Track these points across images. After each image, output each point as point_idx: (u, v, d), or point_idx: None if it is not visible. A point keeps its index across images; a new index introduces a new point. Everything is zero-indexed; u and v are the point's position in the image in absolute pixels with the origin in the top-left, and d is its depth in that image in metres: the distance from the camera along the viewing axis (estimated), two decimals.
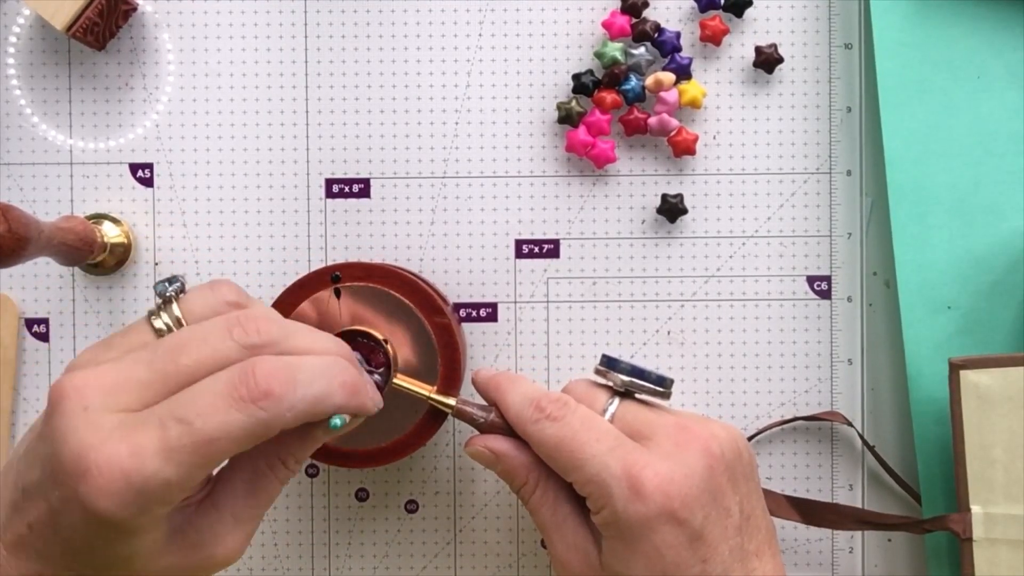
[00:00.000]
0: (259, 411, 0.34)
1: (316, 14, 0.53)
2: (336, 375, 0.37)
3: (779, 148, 0.53)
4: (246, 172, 0.53)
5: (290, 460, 0.39)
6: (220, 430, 0.34)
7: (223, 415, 0.34)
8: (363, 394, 0.38)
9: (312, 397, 0.35)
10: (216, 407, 0.34)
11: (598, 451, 0.41)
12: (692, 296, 0.53)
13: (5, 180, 0.53)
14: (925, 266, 0.51)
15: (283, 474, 0.39)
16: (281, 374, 0.35)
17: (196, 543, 0.37)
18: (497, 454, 0.44)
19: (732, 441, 0.42)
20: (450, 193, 0.53)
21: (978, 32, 0.51)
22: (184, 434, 0.34)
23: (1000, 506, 0.47)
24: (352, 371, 0.38)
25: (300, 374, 0.35)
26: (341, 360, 0.38)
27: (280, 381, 0.35)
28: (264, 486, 0.39)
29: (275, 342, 0.37)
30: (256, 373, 0.35)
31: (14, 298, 0.52)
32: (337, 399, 0.36)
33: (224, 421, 0.34)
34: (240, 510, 0.38)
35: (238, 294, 0.39)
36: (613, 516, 0.40)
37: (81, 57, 0.53)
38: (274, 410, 0.34)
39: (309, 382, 0.35)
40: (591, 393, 0.45)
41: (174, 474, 0.34)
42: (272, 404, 0.34)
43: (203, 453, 0.34)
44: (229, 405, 0.34)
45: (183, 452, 0.34)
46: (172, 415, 0.34)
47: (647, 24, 0.52)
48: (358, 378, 0.38)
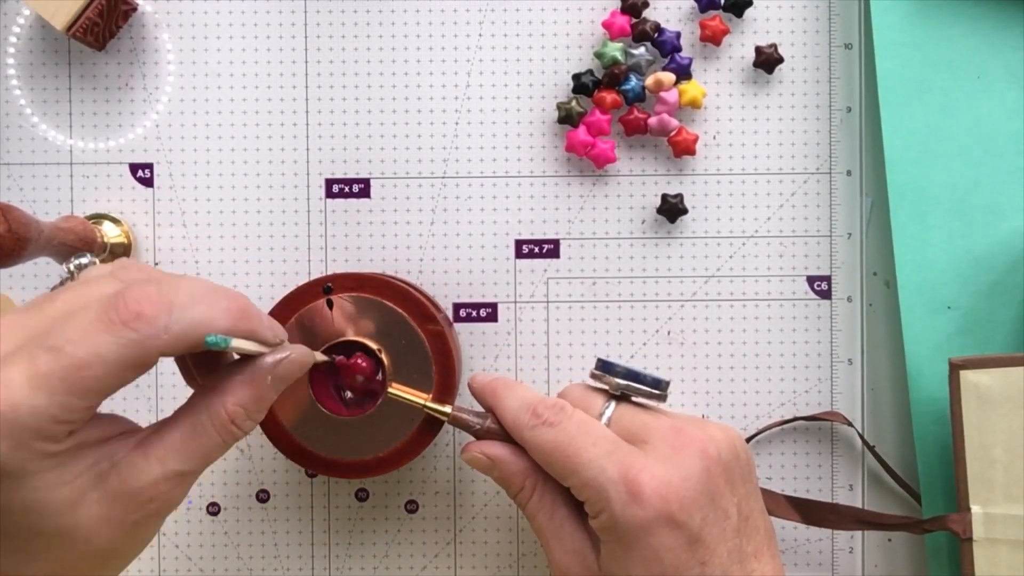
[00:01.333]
0: (130, 331, 0.33)
1: (316, 14, 0.53)
2: (219, 300, 0.36)
3: (779, 148, 0.53)
4: (246, 172, 0.53)
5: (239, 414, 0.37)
6: (90, 353, 0.33)
7: (93, 338, 0.33)
8: (254, 319, 0.37)
9: (190, 319, 0.34)
10: (86, 331, 0.33)
11: (595, 455, 0.41)
12: (692, 296, 0.53)
13: (5, 180, 0.53)
14: (925, 266, 0.51)
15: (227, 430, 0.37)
16: (153, 296, 0.34)
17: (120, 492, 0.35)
18: (494, 460, 0.44)
19: (729, 442, 0.42)
20: (450, 193, 0.53)
21: (978, 32, 0.51)
22: (52, 360, 0.32)
23: (1000, 506, 0.47)
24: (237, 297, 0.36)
25: (175, 297, 0.34)
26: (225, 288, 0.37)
27: (152, 302, 0.34)
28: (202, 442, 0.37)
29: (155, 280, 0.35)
30: (127, 295, 0.34)
31: (14, 298, 0.52)
32: (222, 323, 0.35)
33: (95, 343, 0.33)
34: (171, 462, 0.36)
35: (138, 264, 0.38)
36: (611, 520, 0.40)
37: (81, 57, 0.53)
38: (147, 330, 0.33)
39: (185, 305, 0.34)
40: (587, 397, 0.45)
41: (45, 402, 0.32)
42: (144, 324, 0.33)
43: (74, 379, 0.33)
44: (99, 328, 0.33)
45: (52, 379, 0.32)
46: (41, 344, 0.33)
47: (647, 24, 0.52)
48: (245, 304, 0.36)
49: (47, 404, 0.32)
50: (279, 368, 0.38)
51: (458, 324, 0.53)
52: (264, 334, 0.37)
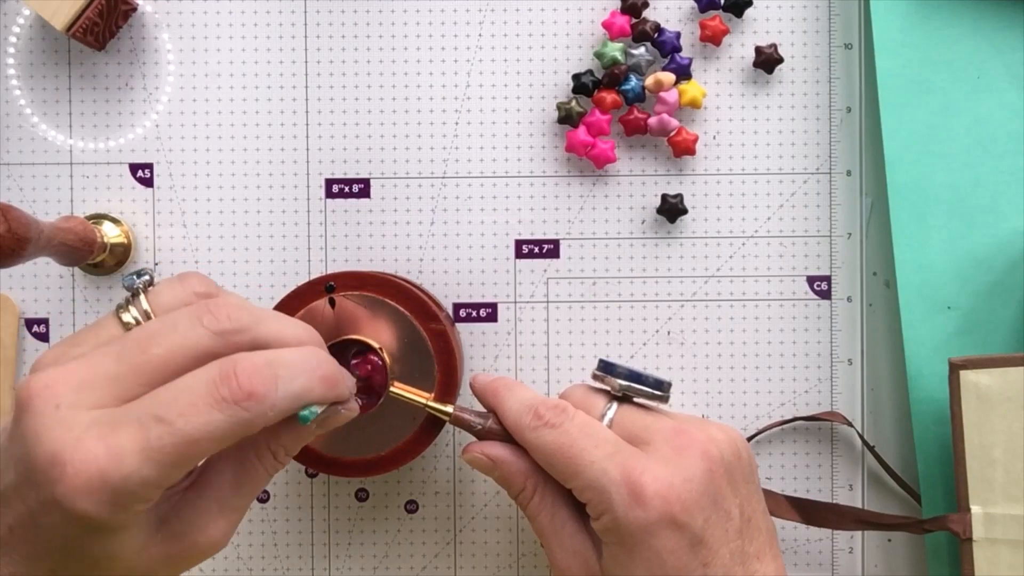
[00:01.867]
0: (241, 412, 0.34)
1: (316, 14, 0.53)
2: (315, 368, 0.36)
3: (779, 148, 0.53)
4: (246, 172, 0.53)
5: (280, 452, 0.39)
6: (202, 431, 0.33)
7: (205, 416, 0.33)
8: (340, 384, 0.38)
9: (293, 394, 0.35)
10: (198, 407, 0.33)
11: (597, 457, 0.41)
12: (692, 296, 0.53)
13: (5, 180, 0.53)
14: (925, 266, 0.51)
15: (272, 466, 0.39)
16: (263, 372, 0.34)
17: (180, 532, 0.37)
18: (495, 460, 0.44)
19: (731, 443, 0.42)
20: (450, 193, 0.53)
21: (978, 32, 0.51)
22: (165, 434, 0.33)
23: (1000, 506, 0.47)
24: (329, 361, 0.37)
25: (281, 371, 0.35)
26: (318, 351, 0.37)
27: (262, 380, 0.34)
28: (252, 477, 0.38)
29: (246, 328, 0.36)
30: (238, 373, 0.34)
31: (14, 298, 0.52)
32: (317, 393, 0.36)
33: (206, 422, 0.33)
34: (226, 499, 0.38)
35: (207, 284, 0.38)
36: (613, 522, 0.40)
37: (81, 57, 0.53)
38: (256, 410, 0.34)
39: (290, 379, 0.35)
40: (589, 398, 0.44)
41: (153, 473, 0.33)
42: (255, 404, 0.34)
43: (183, 453, 0.33)
44: (211, 406, 0.33)
45: (163, 452, 0.33)
46: (152, 414, 0.33)
47: (647, 24, 0.52)
48: (335, 369, 0.37)
49: (155, 475, 0.33)
50: (328, 420, 0.39)
51: (458, 324, 0.53)
52: (346, 396, 0.38)
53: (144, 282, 0.38)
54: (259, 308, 0.38)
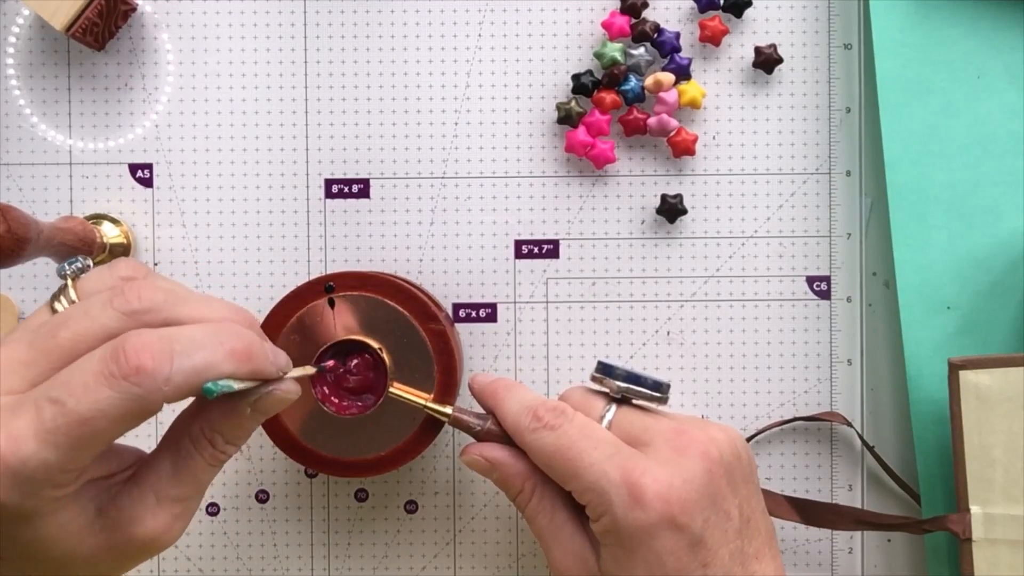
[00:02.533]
0: (132, 387, 0.33)
1: (316, 14, 0.53)
2: (223, 342, 0.35)
3: (779, 148, 0.53)
4: (245, 172, 0.53)
5: (217, 439, 0.37)
6: (93, 409, 0.32)
7: (94, 393, 0.33)
8: (257, 359, 0.36)
9: (191, 368, 0.34)
10: (88, 385, 0.33)
11: (596, 459, 0.41)
12: (692, 296, 0.53)
13: (4, 180, 0.53)
14: (925, 266, 0.51)
15: (210, 454, 0.37)
16: (154, 346, 0.33)
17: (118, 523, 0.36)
18: (493, 462, 0.44)
19: (731, 444, 0.42)
20: (450, 193, 0.53)
21: (978, 32, 0.51)
22: (58, 414, 0.32)
23: (999, 506, 0.47)
24: (242, 336, 0.36)
25: (177, 345, 0.34)
26: (230, 325, 0.36)
27: (153, 354, 0.33)
28: (189, 465, 0.37)
29: (157, 308, 0.35)
30: (127, 348, 0.33)
31: (14, 298, 0.52)
32: (225, 367, 0.34)
33: (96, 399, 0.32)
34: (164, 489, 0.37)
35: (135, 269, 0.37)
36: (613, 524, 0.40)
37: (80, 57, 0.53)
38: (148, 384, 0.33)
39: (187, 352, 0.34)
40: (588, 400, 0.44)
41: (53, 456, 0.33)
42: (145, 379, 0.33)
43: (79, 434, 0.33)
44: (100, 383, 0.33)
45: (58, 433, 0.32)
46: (47, 395, 0.33)
47: (646, 24, 0.52)
48: (250, 343, 0.36)
49: (55, 458, 0.33)
50: (261, 402, 0.37)
51: (457, 324, 0.53)
52: (267, 372, 0.37)
53: (75, 270, 0.38)
54: (188, 291, 0.37)
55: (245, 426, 0.38)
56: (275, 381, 0.37)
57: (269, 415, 0.38)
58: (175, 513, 0.37)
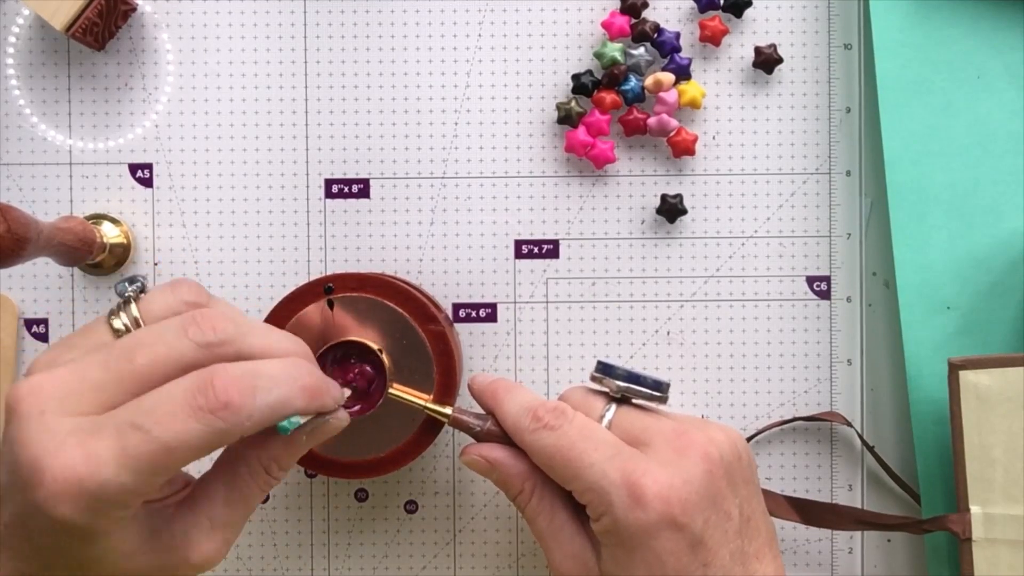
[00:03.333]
0: (217, 421, 0.34)
1: (316, 14, 0.53)
2: (296, 379, 0.36)
3: (778, 148, 0.53)
4: (245, 172, 0.53)
5: (273, 467, 0.39)
6: (177, 439, 0.34)
7: (181, 424, 0.34)
8: (324, 395, 0.38)
9: (271, 404, 0.35)
10: (174, 416, 0.34)
11: (596, 460, 0.41)
12: (691, 296, 0.53)
13: (4, 180, 0.53)
14: (924, 266, 0.51)
15: (264, 481, 0.39)
16: (241, 383, 0.34)
17: (171, 546, 0.37)
18: (492, 463, 0.44)
19: (731, 444, 0.42)
20: (450, 193, 0.53)
21: (978, 32, 0.51)
22: (141, 442, 0.33)
23: (999, 506, 0.47)
24: (312, 372, 0.37)
25: (259, 381, 0.35)
26: (300, 362, 0.37)
27: (239, 390, 0.34)
28: (244, 492, 0.39)
29: (231, 340, 0.36)
30: (215, 383, 0.34)
31: (14, 298, 0.52)
32: (298, 403, 0.36)
33: (182, 430, 0.34)
34: (218, 515, 0.38)
35: (198, 294, 0.39)
36: (613, 524, 0.40)
37: (80, 57, 0.53)
38: (232, 420, 0.34)
39: (268, 389, 0.35)
40: (588, 401, 0.44)
41: (130, 481, 0.34)
42: (231, 414, 0.34)
43: (160, 462, 0.34)
44: (187, 414, 0.34)
45: (139, 460, 0.33)
46: (129, 422, 0.34)
47: (646, 24, 0.52)
48: (318, 380, 0.38)
49: (132, 482, 0.34)
50: (316, 431, 0.39)
51: (457, 324, 0.53)
52: (329, 406, 0.39)
53: (136, 289, 0.38)
54: (248, 320, 0.38)
55: (298, 453, 0.39)
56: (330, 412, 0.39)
57: (319, 442, 0.40)
58: (225, 537, 0.38)
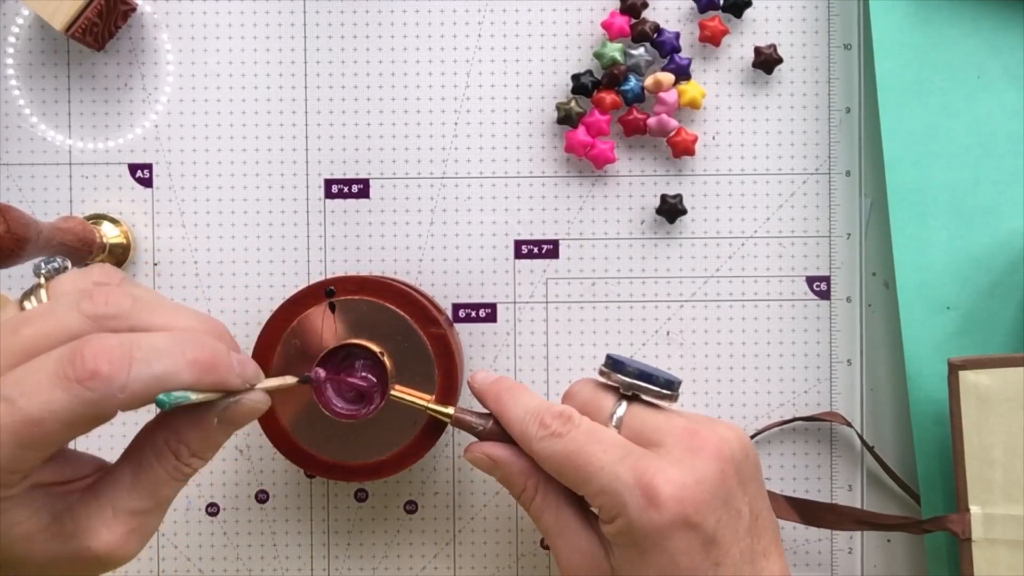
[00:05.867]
0: (85, 391, 0.32)
1: (316, 14, 0.53)
2: (185, 351, 0.34)
3: (778, 148, 0.53)
4: (245, 172, 0.53)
5: (182, 451, 0.36)
6: (44, 410, 0.32)
7: (47, 394, 0.32)
8: (221, 370, 0.35)
9: (149, 376, 0.33)
10: (42, 385, 0.32)
11: (607, 462, 0.41)
12: (691, 296, 0.53)
13: (4, 180, 0.53)
14: (924, 266, 0.51)
15: (173, 467, 0.36)
16: (112, 351, 0.33)
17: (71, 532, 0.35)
18: (496, 461, 0.44)
19: (740, 442, 0.42)
20: (449, 193, 0.53)
21: (977, 32, 0.51)
22: (6, 413, 0.32)
23: (999, 506, 0.47)
24: (207, 345, 0.35)
25: (137, 352, 0.33)
26: (196, 336, 0.35)
27: (111, 359, 0.32)
28: (150, 477, 0.36)
29: (124, 314, 0.34)
30: (84, 351, 0.32)
31: (13, 298, 0.52)
32: (184, 377, 0.34)
33: (48, 400, 0.32)
34: (122, 502, 0.36)
35: (109, 274, 0.37)
36: (627, 525, 0.40)
37: (80, 57, 0.53)
38: (103, 390, 0.32)
39: (147, 360, 0.33)
40: (597, 397, 0.44)
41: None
42: (100, 384, 0.32)
43: (28, 434, 0.32)
44: (55, 385, 0.32)
45: (3, 432, 0.32)
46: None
47: (646, 24, 0.52)
48: (214, 353, 0.35)
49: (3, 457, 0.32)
50: (228, 412, 0.37)
51: (457, 324, 0.53)
52: (231, 383, 0.36)
53: (50, 270, 0.37)
54: (159, 298, 0.36)
55: (212, 438, 0.37)
56: (242, 392, 0.37)
57: (238, 427, 0.37)
58: (131, 527, 0.36)
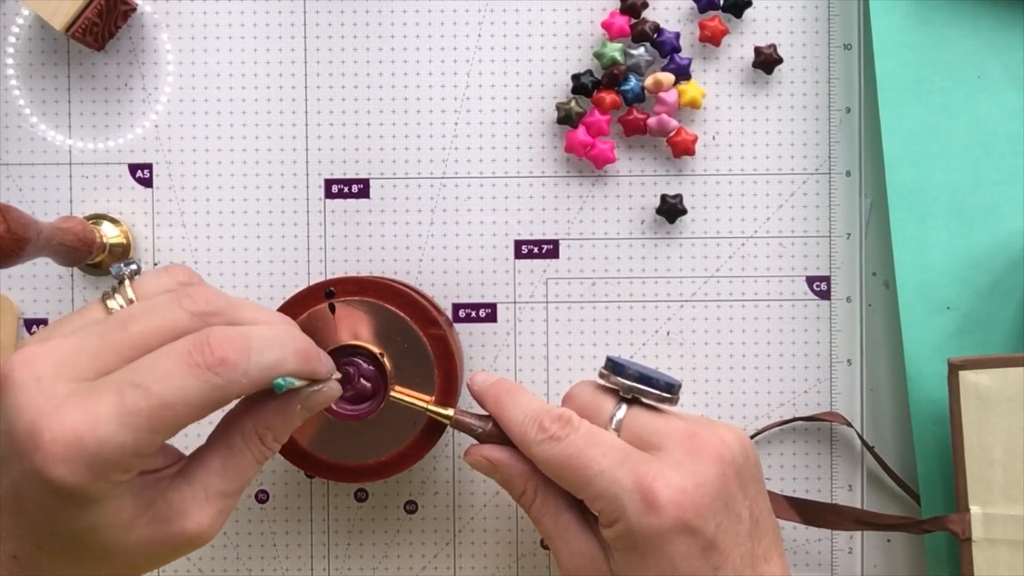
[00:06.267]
0: (215, 376, 0.35)
1: (316, 14, 0.53)
2: (289, 342, 0.38)
3: (778, 148, 0.53)
4: (245, 172, 0.53)
5: (268, 436, 0.39)
6: (177, 395, 0.34)
7: (180, 380, 0.34)
8: (315, 359, 0.39)
9: (266, 363, 0.36)
10: (172, 372, 0.35)
11: (606, 466, 0.41)
12: (692, 296, 0.53)
13: (4, 180, 0.53)
14: (924, 267, 0.51)
15: (259, 450, 0.39)
16: (236, 341, 0.36)
17: (166, 517, 0.37)
18: (495, 463, 0.44)
19: (740, 445, 0.42)
20: (449, 193, 0.53)
21: (977, 32, 0.51)
22: (140, 398, 0.34)
23: (999, 506, 0.47)
24: (304, 338, 0.39)
25: (253, 341, 0.36)
26: (291, 328, 0.39)
27: (235, 348, 0.35)
28: (239, 462, 0.39)
29: (223, 311, 0.37)
30: (211, 340, 0.35)
31: (13, 298, 0.52)
32: (290, 365, 0.37)
33: (181, 386, 0.34)
34: (213, 485, 0.38)
35: (190, 275, 0.40)
36: (627, 529, 0.40)
37: (80, 57, 0.53)
38: (229, 375, 0.35)
39: (262, 349, 0.36)
40: (597, 400, 0.44)
41: (130, 439, 0.34)
42: (227, 370, 0.35)
43: (160, 418, 0.34)
44: (185, 371, 0.35)
45: (139, 416, 0.34)
46: (128, 380, 0.34)
47: (646, 24, 0.52)
48: (310, 345, 0.39)
49: (132, 440, 0.34)
50: (310, 400, 0.40)
51: (457, 325, 0.53)
52: (321, 372, 0.40)
53: (131, 271, 0.39)
54: (238, 298, 0.39)
55: (294, 423, 0.40)
56: (323, 381, 0.40)
57: (313, 412, 0.40)
58: (220, 508, 0.38)
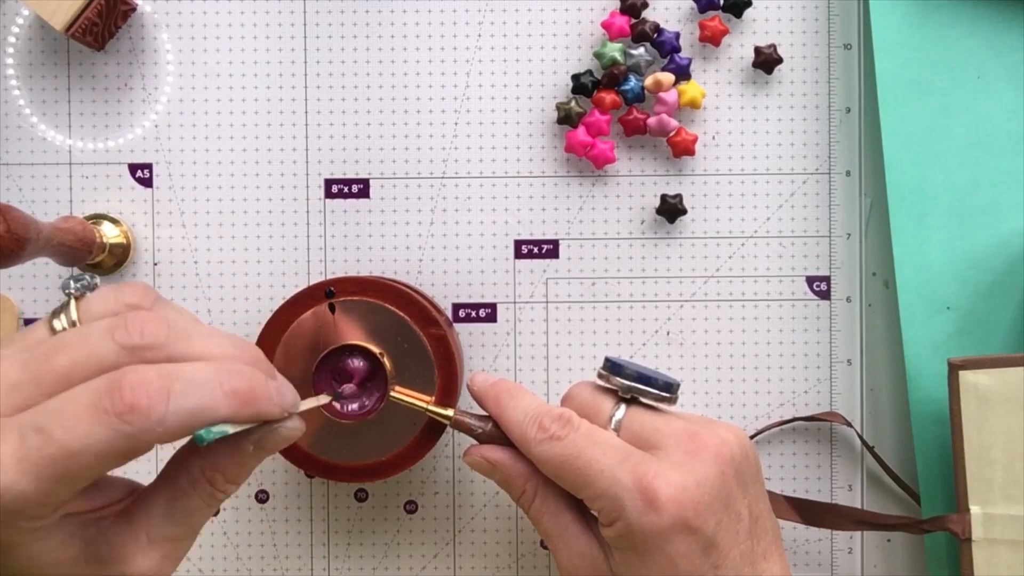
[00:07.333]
0: (124, 425, 0.31)
1: (316, 14, 0.53)
2: (223, 383, 0.33)
3: (778, 148, 0.53)
4: (245, 172, 0.53)
5: (218, 479, 0.36)
6: (80, 444, 0.31)
7: (84, 428, 0.31)
8: (260, 401, 0.34)
9: (187, 410, 0.32)
10: (80, 418, 0.31)
11: (606, 465, 0.41)
12: (691, 296, 0.53)
13: (4, 180, 0.53)
14: (924, 266, 0.51)
15: (208, 493, 0.36)
16: (151, 384, 0.32)
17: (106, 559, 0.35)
18: (495, 464, 0.44)
19: (740, 444, 0.42)
20: (449, 193, 0.53)
21: (977, 32, 0.51)
22: (42, 445, 0.31)
23: (999, 506, 0.47)
24: (246, 375, 0.34)
25: (175, 384, 0.32)
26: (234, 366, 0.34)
27: (148, 392, 0.31)
28: (186, 506, 0.36)
29: (160, 344, 0.33)
30: (123, 384, 0.32)
31: (13, 298, 0.52)
32: (222, 410, 0.33)
33: (85, 434, 0.31)
34: (157, 529, 0.35)
35: (142, 296, 0.36)
36: (627, 528, 0.40)
37: (80, 57, 0.53)
38: (141, 424, 0.31)
39: (185, 393, 0.32)
40: (596, 400, 0.44)
41: (31, 488, 0.31)
42: (138, 418, 0.31)
43: (63, 467, 0.31)
44: (92, 418, 0.31)
45: (40, 465, 0.31)
46: (32, 424, 0.31)
47: (646, 24, 0.52)
48: (253, 384, 0.34)
49: (33, 490, 0.31)
50: (264, 441, 0.36)
51: (457, 324, 0.53)
52: (269, 413, 0.35)
53: (79, 287, 0.36)
54: (193, 324, 0.35)
55: (247, 465, 0.36)
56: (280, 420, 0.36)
57: (272, 453, 0.37)
58: (165, 553, 0.36)
